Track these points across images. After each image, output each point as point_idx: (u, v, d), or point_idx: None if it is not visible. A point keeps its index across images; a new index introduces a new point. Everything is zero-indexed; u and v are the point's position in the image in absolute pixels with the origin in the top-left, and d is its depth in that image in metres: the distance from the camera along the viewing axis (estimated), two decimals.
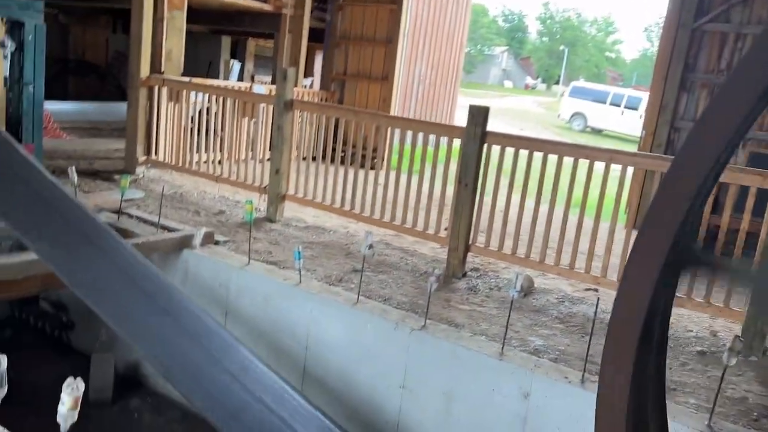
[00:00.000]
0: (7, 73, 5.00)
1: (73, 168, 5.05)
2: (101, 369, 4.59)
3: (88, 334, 4.89)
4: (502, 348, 3.43)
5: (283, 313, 4.08)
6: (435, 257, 5.12)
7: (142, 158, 6.66)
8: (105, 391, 4.62)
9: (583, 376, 3.19)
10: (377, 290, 4.21)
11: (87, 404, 4.72)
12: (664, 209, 1.73)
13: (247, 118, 6.22)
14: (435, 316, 3.80)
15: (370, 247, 3.72)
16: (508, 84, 56.22)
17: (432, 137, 4.94)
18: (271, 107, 5.93)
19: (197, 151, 6.51)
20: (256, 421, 2.91)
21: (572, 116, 26.54)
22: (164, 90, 6.46)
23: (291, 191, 5.72)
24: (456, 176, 4.66)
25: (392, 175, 5.19)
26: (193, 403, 2.98)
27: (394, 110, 8.77)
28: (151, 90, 6.55)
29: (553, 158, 4.47)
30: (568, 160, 4.39)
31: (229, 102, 6.10)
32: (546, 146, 4.66)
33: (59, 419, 1.76)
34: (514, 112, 29.02)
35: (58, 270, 3.21)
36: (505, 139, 4.64)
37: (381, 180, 5.29)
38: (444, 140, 4.86)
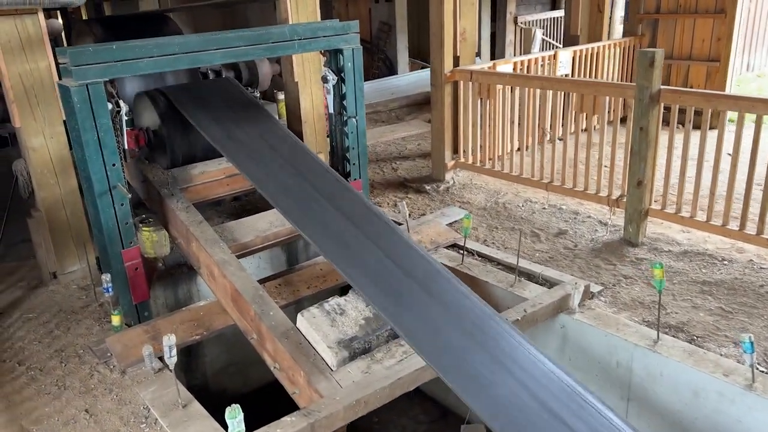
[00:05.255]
0: (332, 108, 4.56)
1: (404, 203, 4.64)
2: None
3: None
4: None
5: (728, 418, 3.03)
6: None
7: (450, 163, 5.99)
8: None
9: None
10: None
11: None
12: None
13: (585, 115, 5.08)
14: None
15: None
16: None
17: None
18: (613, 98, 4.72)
19: (517, 152, 5.62)
20: None
21: None
22: (470, 85, 5.61)
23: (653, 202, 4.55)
24: None
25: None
26: None
27: (734, 54, 6.81)
28: (455, 85, 5.76)
29: None
30: None
31: (559, 96, 5.03)
32: None
33: None
34: None
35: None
36: None
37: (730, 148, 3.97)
38: None
